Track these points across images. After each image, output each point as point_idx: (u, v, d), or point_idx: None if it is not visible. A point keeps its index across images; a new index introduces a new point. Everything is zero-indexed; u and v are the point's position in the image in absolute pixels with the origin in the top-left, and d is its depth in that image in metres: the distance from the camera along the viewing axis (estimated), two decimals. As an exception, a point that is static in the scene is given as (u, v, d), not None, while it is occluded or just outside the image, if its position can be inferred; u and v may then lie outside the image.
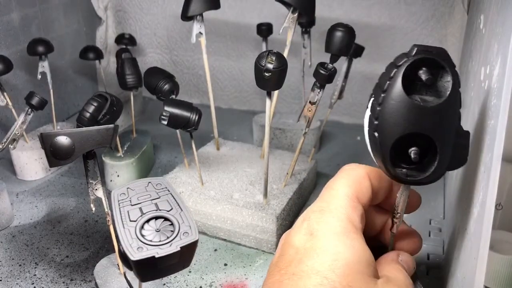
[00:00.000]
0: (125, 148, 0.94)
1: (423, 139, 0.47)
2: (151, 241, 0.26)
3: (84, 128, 0.56)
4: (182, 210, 0.28)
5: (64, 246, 0.75)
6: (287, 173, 0.82)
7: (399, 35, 1.10)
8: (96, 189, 0.59)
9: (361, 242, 0.42)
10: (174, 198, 0.29)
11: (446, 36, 1.07)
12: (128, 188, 0.31)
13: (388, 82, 0.48)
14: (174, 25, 1.28)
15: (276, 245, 0.74)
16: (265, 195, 0.75)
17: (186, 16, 0.81)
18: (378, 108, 0.48)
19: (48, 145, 0.54)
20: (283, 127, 1.03)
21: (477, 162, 0.50)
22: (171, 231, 0.26)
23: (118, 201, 0.30)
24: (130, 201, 0.29)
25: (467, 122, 0.66)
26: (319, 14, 0.90)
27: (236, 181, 0.82)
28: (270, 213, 0.73)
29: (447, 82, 0.46)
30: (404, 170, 0.49)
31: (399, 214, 0.53)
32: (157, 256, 0.25)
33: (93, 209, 0.59)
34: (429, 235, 0.78)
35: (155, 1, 1.27)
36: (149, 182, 0.31)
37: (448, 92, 0.46)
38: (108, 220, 0.61)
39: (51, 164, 0.55)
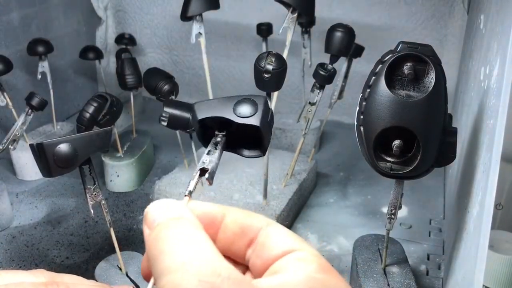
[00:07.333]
0: (125, 148, 0.94)
1: (409, 134, 0.48)
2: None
3: (85, 133, 0.55)
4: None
5: (64, 247, 0.75)
6: (287, 174, 0.82)
7: (399, 35, 1.09)
8: (94, 194, 0.58)
9: None
10: None
11: (446, 36, 1.07)
12: None
13: (373, 77, 0.49)
14: (174, 25, 1.28)
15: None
16: (265, 195, 0.75)
17: (185, 16, 0.81)
18: (364, 103, 0.50)
19: (50, 154, 0.53)
20: (283, 127, 1.03)
21: (477, 162, 0.50)
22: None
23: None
24: None
25: (467, 122, 0.66)
26: (319, 14, 0.90)
27: (236, 182, 0.81)
28: (270, 213, 0.73)
29: (432, 78, 0.47)
30: (389, 164, 0.50)
31: (393, 211, 0.54)
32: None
33: (93, 214, 0.58)
34: (429, 235, 0.78)
35: (155, 1, 1.27)
36: None
37: (431, 88, 0.47)
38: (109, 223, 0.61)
39: (55, 173, 0.54)
